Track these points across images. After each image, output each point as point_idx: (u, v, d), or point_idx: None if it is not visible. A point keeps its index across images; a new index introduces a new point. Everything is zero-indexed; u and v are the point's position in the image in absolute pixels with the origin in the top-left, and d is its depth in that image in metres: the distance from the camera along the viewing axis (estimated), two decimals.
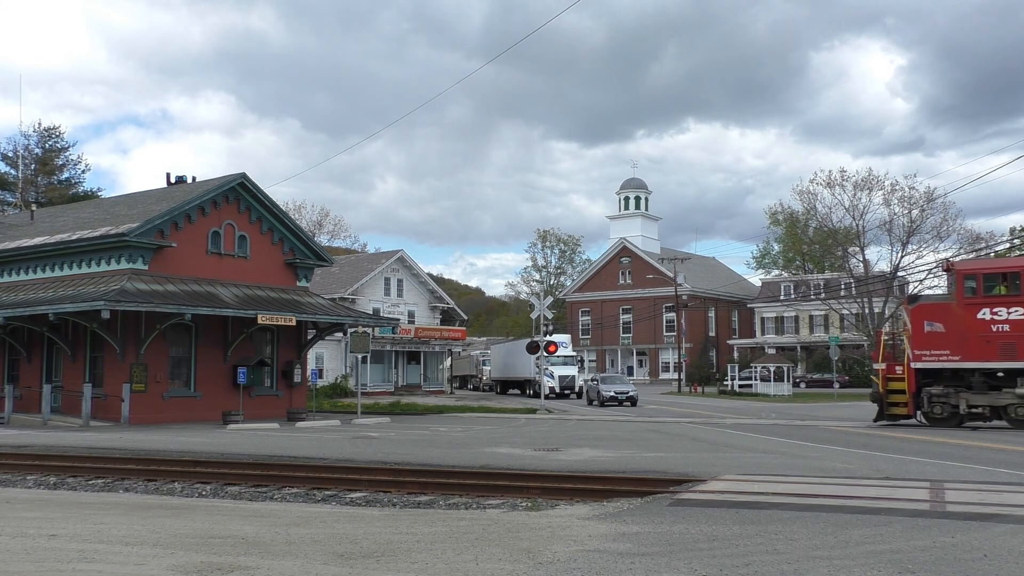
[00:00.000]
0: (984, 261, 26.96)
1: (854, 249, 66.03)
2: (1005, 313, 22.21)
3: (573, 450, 16.91)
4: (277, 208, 32.61)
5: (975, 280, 22.85)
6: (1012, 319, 22.06)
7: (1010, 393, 22.30)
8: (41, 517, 9.93)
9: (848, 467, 13.41)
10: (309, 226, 77.41)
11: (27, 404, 28.83)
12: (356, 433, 22.95)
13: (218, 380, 29.55)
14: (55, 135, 68.33)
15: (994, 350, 22.33)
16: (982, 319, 22.42)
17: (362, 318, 36.17)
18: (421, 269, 61.91)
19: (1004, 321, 22.17)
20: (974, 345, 22.54)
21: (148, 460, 16.14)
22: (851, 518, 8.65)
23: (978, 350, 22.51)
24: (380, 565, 6.85)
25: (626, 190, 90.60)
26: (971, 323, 22.54)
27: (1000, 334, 22.19)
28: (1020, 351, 21.99)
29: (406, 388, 55.66)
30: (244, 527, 8.94)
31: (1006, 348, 22.17)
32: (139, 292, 26.30)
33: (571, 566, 6.66)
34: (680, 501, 10.07)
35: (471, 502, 11.89)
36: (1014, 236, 66.12)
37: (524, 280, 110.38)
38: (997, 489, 10.79)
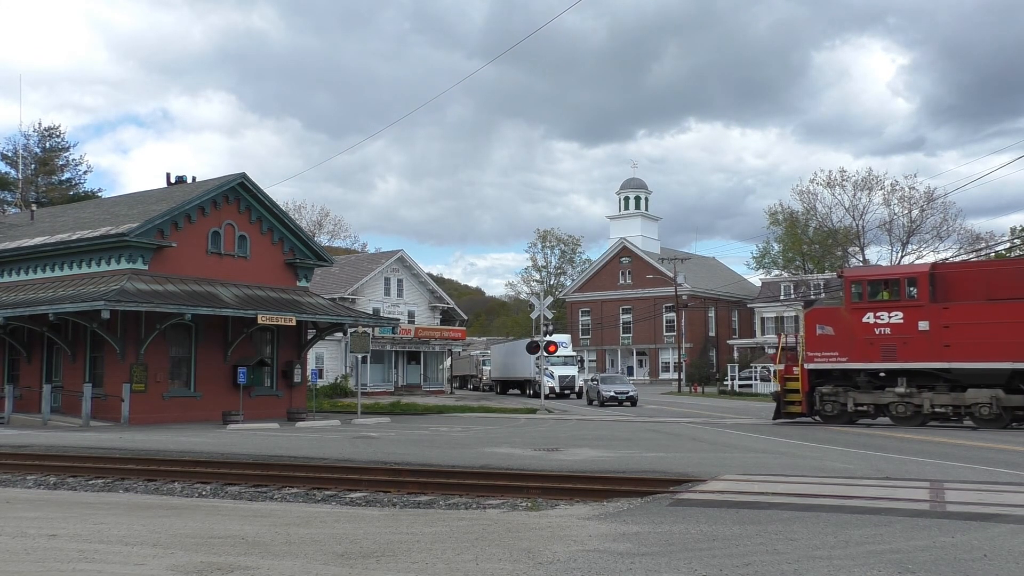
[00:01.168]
0: (870, 269, 29.12)
1: (854, 249, 66.09)
2: (887, 317, 23.58)
3: (573, 450, 16.91)
4: (277, 208, 32.62)
5: (861, 286, 24.32)
6: (892, 323, 23.47)
7: (891, 392, 23.72)
8: (41, 517, 9.93)
9: (848, 467, 13.41)
10: (309, 226, 77.43)
11: (27, 404, 28.84)
12: (356, 433, 22.95)
13: (218, 380, 29.56)
14: (55, 135, 68.36)
15: (877, 352, 23.74)
16: (867, 323, 23.81)
17: (362, 318, 36.18)
18: (421, 269, 61.94)
19: (886, 325, 23.56)
20: (860, 347, 23.94)
21: (148, 460, 16.14)
22: (851, 518, 8.65)
23: (863, 352, 23.92)
24: (380, 565, 6.85)
25: (626, 190, 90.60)
26: (857, 327, 23.95)
27: (882, 337, 23.64)
28: (900, 353, 23.41)
29: (406, 388, 55.66)
30: (244, 527, 8.94)
31: (887, 350, 23.58)
32: (139, 292, 26.30)
33: (571, 566, 6.66)
34: (680, 501, 10.07)
35: (471, 502, 11.89)
36: (1014, 236, 66.11)
37: (524, 280, 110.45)
38: (997, 489, 10.79)
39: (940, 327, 22.86)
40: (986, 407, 22.52)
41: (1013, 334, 21.96)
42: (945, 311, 22.95)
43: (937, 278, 23.70)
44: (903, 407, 23.57)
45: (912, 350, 23.22)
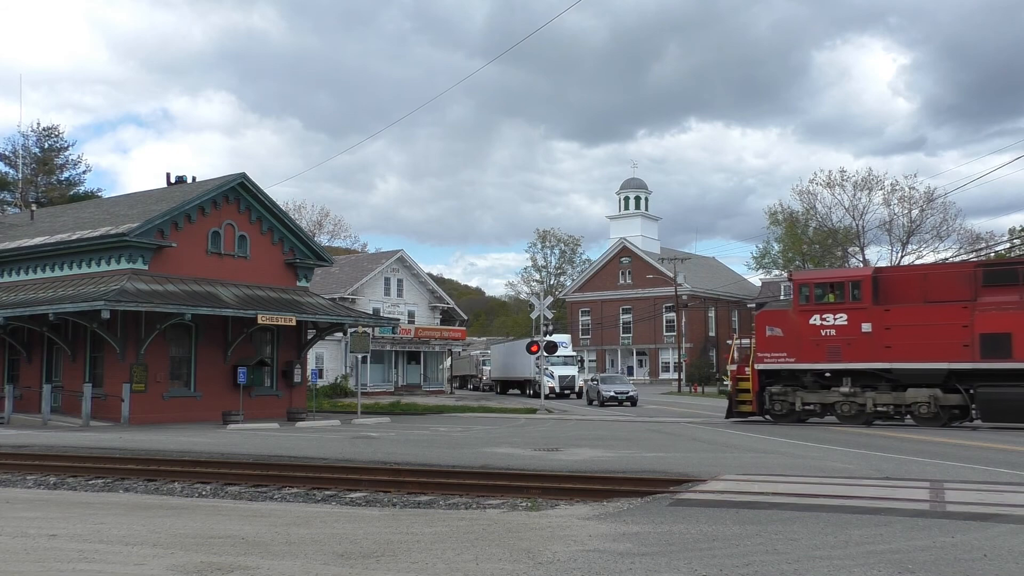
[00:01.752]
0: (817, 272, 30.32)
1: (854, 249, 66.08)
2: (832, 319, 24.38)
3: (573, 450, 16.91)
4: (277, 208, 32.62)
5: (808, 289, 25.15)
6: (837, 324, 24.27)
7: (837, 391, 24.50)
8: (41, 517, 9.93)
9: (848, 467, 13.41)
10: (309, 226, 77.42)
11: (27, 404, 28.84)
12: (356, 433, 22.96)
13: (218, 380, 29.56)
14: (54, 135, 68.31)
15: (823, 352, 24.53)
16: (813, 324, 24.59)
17: (362, 318, 36.19)
18: (421, 269, 61.94)
19: (831, 326, 24.37)
20: (807, 348, 24.71)
21: (148, 460, 16.14)
22: (851, 518, 8.65)
23: (810, 352, 24.70)
24: (380, 565, 6.85)
25: (626, 190, 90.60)
26: (804, 328, 24.73)
27: (828, 338, 24.43)
28: (844, 353, 24.17)
29: (406, 388, 55.66)
30: (244, 527, 8.94)
31: (833, 351, 24.38)
32: (139, 292, 26.31)
33: (571, 566, 6.66)
34: (680, 501, 10.07)
35: (471, 502, 11.89)
36: (1014, 236, 66.11)
37: (524, 280, 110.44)
38: (997, 489, 10.79)
39: (882, 328, 23.65)
40: (925, 406, 23.20)
41: (948, 335, 22.71)
42: (886, 313, 23.70)
43: (879, 281, 24.44)
44: (848, 406, 24.31)
45: (856, 351, 23.98)
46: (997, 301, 22.39)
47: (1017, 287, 22.44)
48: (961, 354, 22.61)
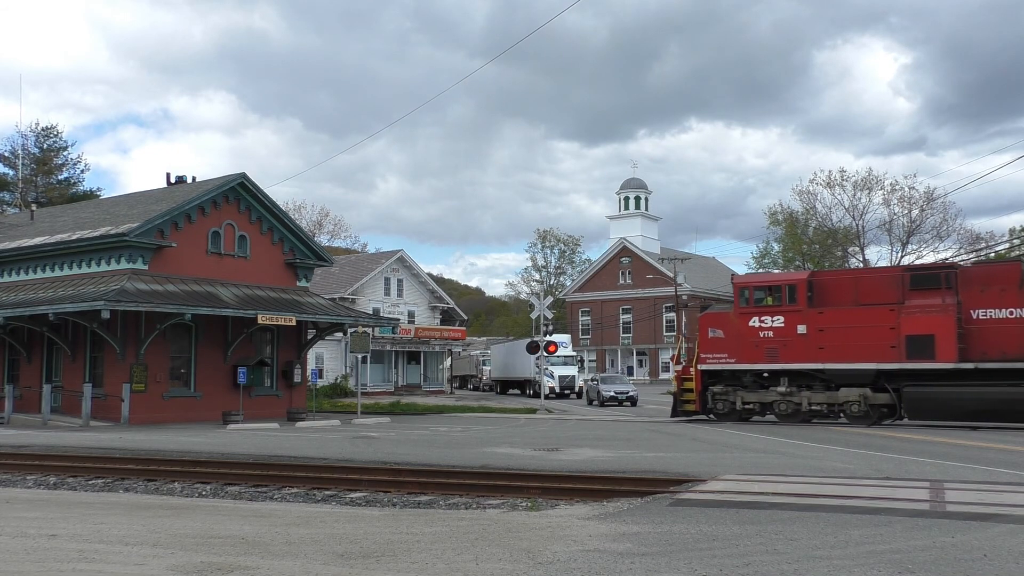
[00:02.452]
0: (756, 275, 31.43)
1: (854, 249, 66.09)
2: (770, 321, 25.28)
3: (573, 450, 16.92)
4: (277, 208, 32.63)
5: (747, 292, 25.96)
6: (775, 327, 25.18)
7: (775, 391, 25.37)
8: (41, 517, 9.93)
9: (848, 467, 13.41)
10: (309, 226, 77.42)
11: (27, 404, 28.84)
12: (356, 433, 22.96)
13: (218, 380, 29.56)
14: (53, 135, 68.33)
15: (761, 353, 25.38)
16: (752, 326, 25.44)
17: (362, 318, 36.19)
18: (421, 269, 61.94)
19: (769, 328, 25.26)
20: (746, 349, 25.56)
21: (148, 460, 16.14)
22: (851, 518, 8.65)
23: (749, 353, 25.54)
24: (380, 565, 6.85)
25: (626, 190, 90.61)
26: (744, 330, 25.57)
27: (766, 339, 25.30)
28: (781, 354, 25.05)
29: (406, 388, 55.66)
30: (244, 527, 8.94)
31: (771, 352, 25.24)
32: (139, 292, 26.31)
33: (571, 566, 6.66)
34: (680, 501, 10.07)
35: (471, 502, 11.89)
36: (1013, 236, 66.13)
37: (524, 280, 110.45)
38: (997, 489, 10.79)
39: (816, 330, 24.55)
40: (856, 404, 24.11)
41: (877, 337, 23.64)
42: (820, 315, 24.58)
43: (814, 285, 25.34)
44: (785, 405, 25.18)
45: (792, 352, 24.85)
46: (922, 304, 23.31)
47: (940, 291, 23.30)
48: (888, 355, 23.53)
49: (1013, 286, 22.63)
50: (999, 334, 22.46)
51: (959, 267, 25.13)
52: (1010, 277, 22.87)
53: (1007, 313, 22.49)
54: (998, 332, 22.48)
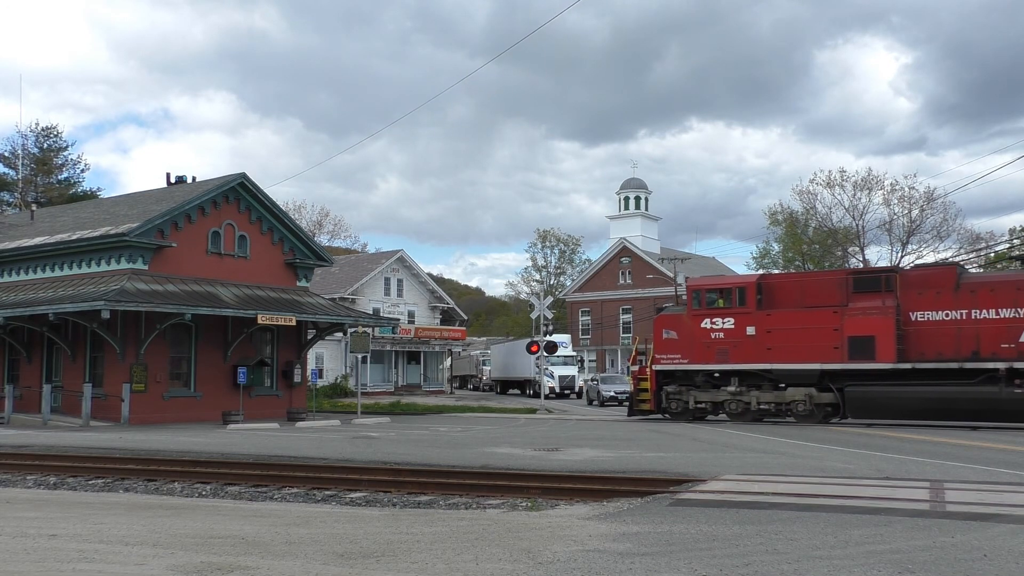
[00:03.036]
0: (708, 279, 32.82)
1: (854, 249, 66.07)
2: (721, 323, 26.17)
3: (573, 450, 16.92)
4: (277, 208, 32.64)
5: (700, 294, 26.93)
6: (725, 328, 26.04)
7: (725, 391, 26.20)
8: (41, 517, 9.93)
9: (848, 467, 13.41)
10: (309, 226, 77.42)
11: (27, 404, 28.85)
12: (356, 433, 22.96)
13: (218, 380, 29.57)
14: (53, 135, 68.31)
15: (713, 354, 26.26)
16: (704, 328, 26.34)
17: (362, 318, 36.20)
18: (421, 269, 61.96)
19: (720, 330, 26.12)
20: (698, 350, 26.47)
21: (148, 460, 16.15)
22: (851, 518, 8.65)
23: (701, 354, 26.44)
24: (380, 565, 6.85)
25: (626, 190, 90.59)
26: (696, 331, 26.45)
27: (717, 341, 26.16)
28: (731, 355, 25.95)
29: (406, 388, 55.67)
30: (244, 527, 8.95)
31: (721, 352, 26.13)
32: (139, 292, 26.32)
33: (571, 566, 6.66)
34: (680, 501, 10.07)
35: (471, 502, 11.89)
36: (1013, 236, 66.13)
37: (524, 280, 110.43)
38: (997, 489, 10.79)
39: (764, 332, 25.44)
40: (802, 404, 24.95)
41: (821, 338, 24.53)
42: (768, 317, 25.45)
43: (763, 287, 26.22)
44: (735, 404, 26.06)
45: (742, 352, 25.71)
46: (864, 306, 24.15)
47: (880, 294, 24.18)
48: (832, 355, 24.38)
49: (949, 289, 23.50)
50: (936, 335, 23.39)
51: (900, 271, 25.87)
52: (946, 280, 23.73)
53: (943, 315, 23.41)
54: (935, 333, 23.41)
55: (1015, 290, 22.94)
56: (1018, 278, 23.97)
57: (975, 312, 23.08)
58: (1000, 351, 22.59)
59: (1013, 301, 22.80)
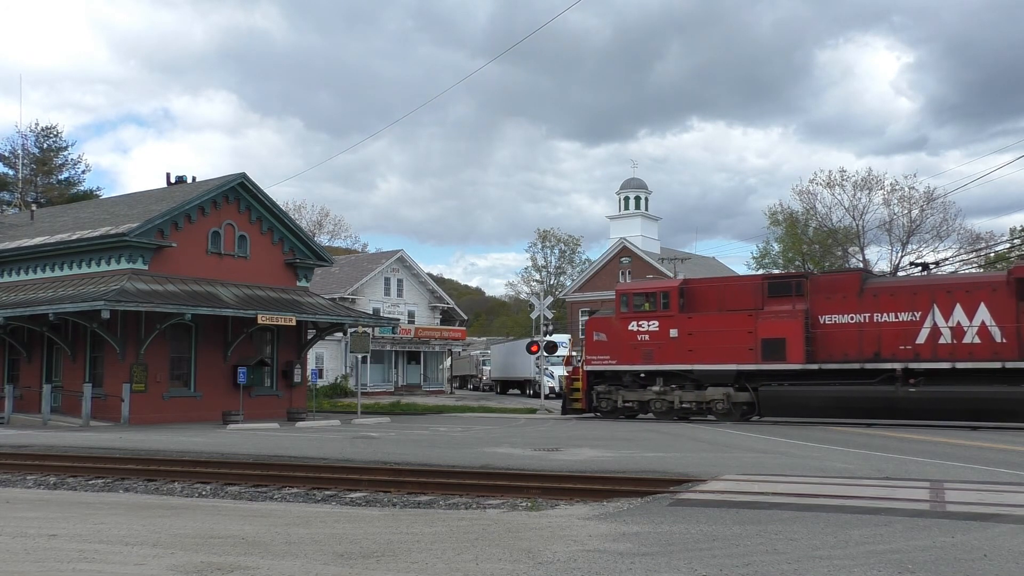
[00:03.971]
0: (635, 283, 34.70)
1: (854, 249, 66.03)
2: (646, 325, 27.33)
3: (573, 450, 16.92)
4: (277, 208, 32.65)
5: (627, 298, 28.09)
6: (651, 331, 27.26)
7: (651, 390, 27.50)
8: (41, 517, 9.93)
9: (848, 467, 13.41)
10: (309, 226, 77.42)
11: (27, 404, 28.85)
12: (356, 433, 22.96)
13: (218, 380, 29.57)
14: (52, 134, 68.29)
15: (639, 355, 27.45)
16: (631, 330, 27.54)
17: (362, 318, 36.19)
18: (421, 269, 61.95)
19: (646, 332, 27.32)
20: (626, 351, 27.66)
21: (148, 460, 16.15)
22: (851, 518, 8.65)
23: (628, 355, 27.63)
24: (380, 565, 6.85)
25: (626, 190, 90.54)
26: (624, 333, 27.66)
27: (643, 342, 27.37)
28: (656, 356, 27.17)
29: (406, 388, 55.66)
30: (244, 527, 8.95)
31: (647, 354, 27.31)
32: (139, 292, 26.32)
33: (571, 566, 6.66)
34: (680, 501, 10.07)
35: (471, 502, 11.89)
36: (1014, 236, 66.08)
37: (524, 280, 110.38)
38: (997, 489, 10.79)
39: (686, 334, 26.69)
40: (721, 403, 26.23)
41: (738, 340, 25.79)
42: (689, 320, 26.68)
43: (686, 292, 27.40)
44: (660, 403, 27.34)
45: (665, 354, 26.97)
46: (776, 310, 25.48)
47: (791, 298, 25.49)
48: (747, 357, 25.63)
49: (853, 294, 24.75)
50: (841, 337, 24.63)
51: (810, 276, 27.16)
52: (851, 285, 24.99)
53: (848, 318, 24.65)
54: (841, 336, 24.65)
55: (912, 295, 24.14)
56: (916, 284, 25.17)
57: (877, 316, 24.30)
58: (899, 352, 23.86)
59: (911, 305, 24.01)
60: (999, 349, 22.81)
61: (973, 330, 23.24)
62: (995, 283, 23.62)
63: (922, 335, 23.76)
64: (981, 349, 23.06)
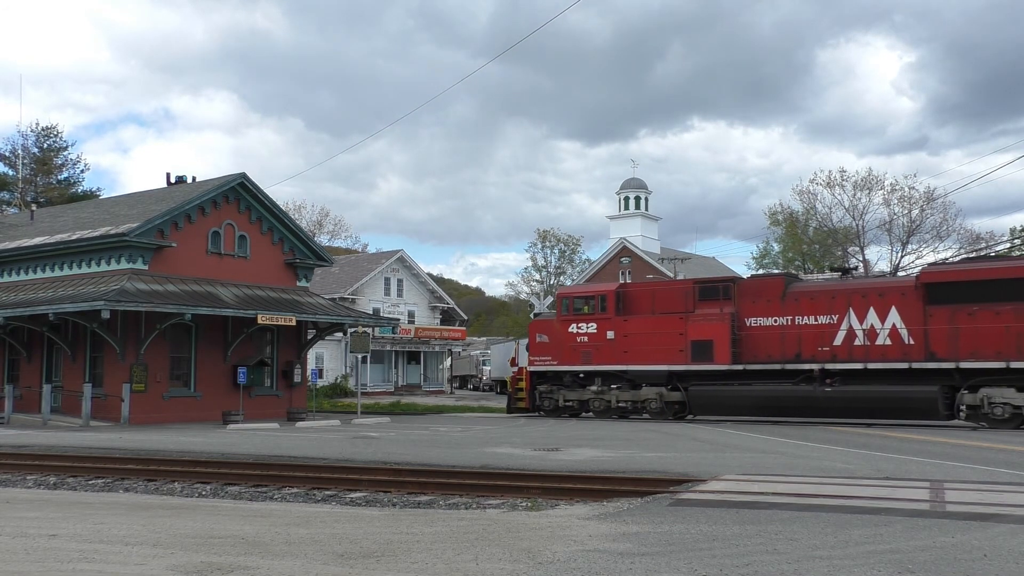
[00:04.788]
0: (576, 287, 35.80)
1: (854, 249, 66.02)
2: (585, 328, 28.47)
3: (573, 450, 16.92)
4: (277, 208, 32.64)
5: (568, 301, 29.33)
6: (589, 333, 28.38)
7: (589, 390, 28.66)
8: (41, 517, 9.93)
9: (848, 467, 13.41)
10: (309, 226, 77.40)
11: (27, 404, 28.84)
12: (356, 433, 22.96)
13: (218, 380, 29.56)
14: (52, 134, 68.28)
15: (578, 356, 28.61)
16: (571, 332, 28.71)
17: (362, 318, 36.18)
18: (421, 269, 61.96)
19: (585, 334, 28.45)
20: (566, 353, 28.86)
21: (148, 460, 16.15)
22: (851, 518, 8.66)
23: (568, 356, 28.81)
24: (380, 565, 6.85)
25: (626, 190, 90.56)
26: (564, 335, 28.88)
27: (582, 344, 28.53)
28: (594, 357, 28.24)
29: (406, 388, 55.67)
30: (244, 527, 8.95)
31: (586, 355, 28.46)
32: (139, 292, 26.31)
33: (571, 566, 6.66)
34: (680, 501, 10.07)
35: (471, 502, 11.89)
36: (1014, 236, 66.06)
37: (524, 280, 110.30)
38: (997, 489, 10.79)
39: (622, 336, 27.80)
40: (654, 402, 27.43)
41: (670, 342, 26.95)
42: (625, 323, 27.82)
43: (622, 296, 28.57)
44: (598, 402, 28.47)
45: (603, 355, 28.05)
46: (705, 313, 26.60)
47: (719, 301, 26.63)
48: (678, 358, 26.78)
49: (777, 298, 25.89)
50: (765, 339, 25.79)
51: (738, 280, 28.19)
52: (774, 290, 26.14)
53: (772, 321, 25.85)
54: (764, 338, 25.80)
55: (831, 299, 25.26)
56: (834, 288, 26.14)
57: (798, 319, 25.46)
58: (818, 354, 24.97)
59: (829, 309, 25.13)
60: (908, 350, 23.88)
61: (885, 332, 24.34)
62: (905, 288, 24.65)
63: (839, 337, 24.86)
64: (892, 350, 24.11)
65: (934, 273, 24.42)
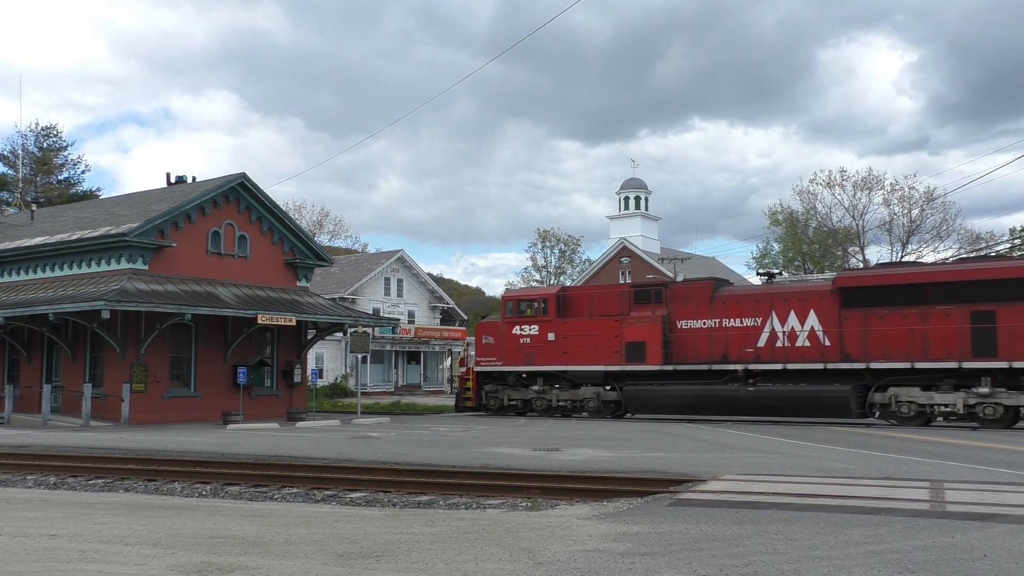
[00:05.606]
0: (519, 290, 36.83)
1: (854, 249, 66.03)
2: (528, 330, 29.53)
3: (573, 450, 16.92)
4: (277, 208, 32.64)
5: (512, 304, 30.45)
6: (532, 334, 29.45)
7: (532, 390, 29.86)
8: (41, 517, 9.93)
9: (848, 467, 13.41)
10: (309, 226, 77.38)
11: (27, 404, 28.83)
12: (356, 433, 22.96)
13: (218, 380, 29.56)
14: (52, 134, 68.28)
15: (522, 357, 29.68)
16: (515, 334, 29.79)
17: (362, 318, 36.17)
18: (421, 269, 61.94)
19: (528, 336, 29.55)
20: (510, 354, 29.92)
21: (148, 460, 16.15)
22: (851, 518, 8.66)
23: (512, 357, 29.88)
24: (380, 565, 6.85)
25: (626, 190, 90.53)
26: (509, 337, 29.94)
27: (525, 345, 29.61)
28: (536, 358, 29.38)
29: (406, 388, 55.65)
30: (244, 527, 8.95)
31: (528, 356, 29.57)
32: (139, 292, 26.31)
33: (571, 566, 6.66)
34: (680, 501, 10.07)
35: (471, 502, 11.89)
36: (1014, 236, 66.05)
37: (524, 280, 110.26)
38: (997, 489, 10.79)
39: (562, 338, 28.95)
40: (592, 401, 28.60)
41: (605, 343, 27.98)
42: (565, 325, 28.96)
43: (562, 299, 29.64)
44: (540, 402, 29.65)
45: (544, 356, 29.17)
46: (639, 315, 27.64)
47: (652, 304, 27.63)
48: (613, 359, 27.82)
49: (705, 301, 26.95)
50: (694, 341, 26.85)
51: (669, 284, 29.31)
52: (703, 293, 27.22)
53: (701, 323, 26.90)
54: (694, 339, 26.87)
55: (755, 302, 26.30)
56: (758, 292, 27.29)
57: (724, 321, 26.52)
58: (743, 355, 26.00)
59: (753, 311, 26.14)
60: (824, 351, 24.92)
61: (804, 334, 25.40)
62: (822, 292, 25.65)
63: (762, 339, 25.90)
64: (810, 352, 25.17)
65: (848, 278, 25.63)
